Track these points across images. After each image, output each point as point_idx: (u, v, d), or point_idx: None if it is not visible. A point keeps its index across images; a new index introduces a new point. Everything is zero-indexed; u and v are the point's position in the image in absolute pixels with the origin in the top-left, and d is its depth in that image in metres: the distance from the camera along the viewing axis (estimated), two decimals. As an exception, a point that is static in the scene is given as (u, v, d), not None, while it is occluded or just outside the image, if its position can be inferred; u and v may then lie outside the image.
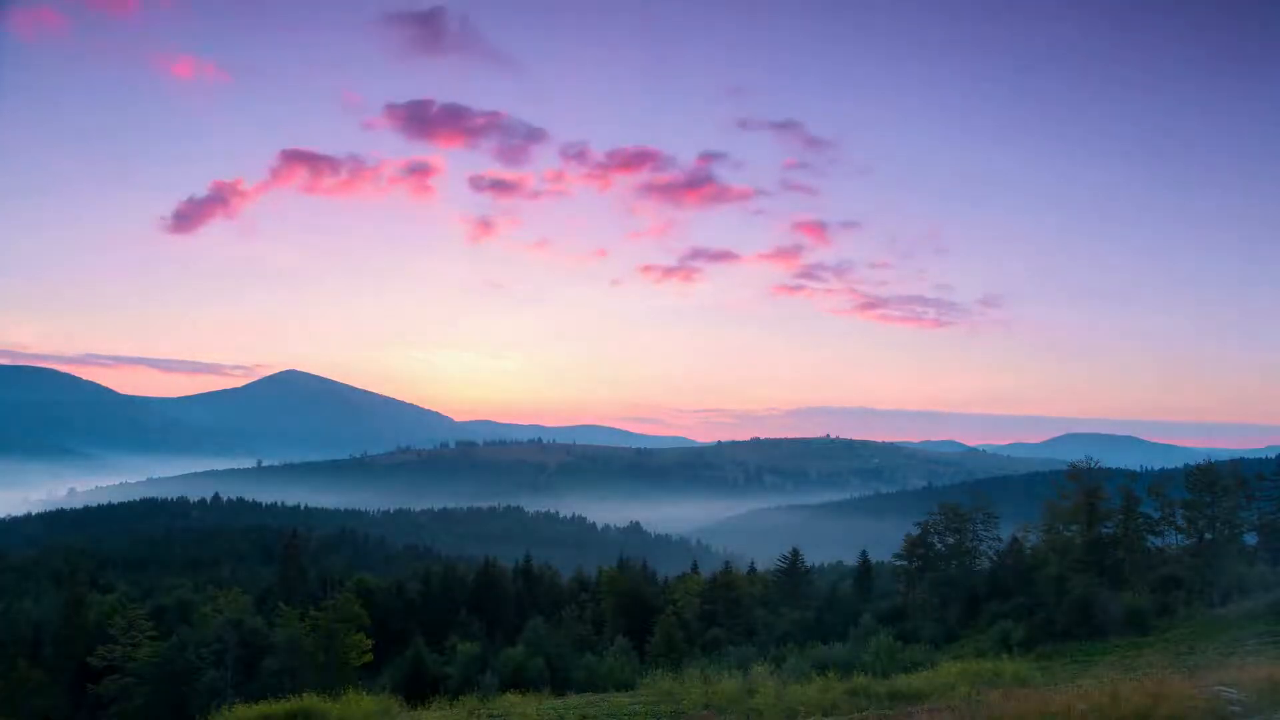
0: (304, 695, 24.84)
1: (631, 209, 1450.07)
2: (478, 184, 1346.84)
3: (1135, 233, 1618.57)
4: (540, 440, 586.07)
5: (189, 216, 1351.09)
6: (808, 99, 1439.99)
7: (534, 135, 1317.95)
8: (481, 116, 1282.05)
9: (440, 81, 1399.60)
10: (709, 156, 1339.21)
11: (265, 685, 42.61)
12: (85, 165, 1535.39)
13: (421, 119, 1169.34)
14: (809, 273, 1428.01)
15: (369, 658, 49.55)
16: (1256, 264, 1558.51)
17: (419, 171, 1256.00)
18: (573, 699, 27.32)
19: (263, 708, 23.16)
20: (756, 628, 58.27)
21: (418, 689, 41.73)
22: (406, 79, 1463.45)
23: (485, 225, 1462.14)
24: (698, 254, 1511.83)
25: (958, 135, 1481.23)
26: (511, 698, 26.38)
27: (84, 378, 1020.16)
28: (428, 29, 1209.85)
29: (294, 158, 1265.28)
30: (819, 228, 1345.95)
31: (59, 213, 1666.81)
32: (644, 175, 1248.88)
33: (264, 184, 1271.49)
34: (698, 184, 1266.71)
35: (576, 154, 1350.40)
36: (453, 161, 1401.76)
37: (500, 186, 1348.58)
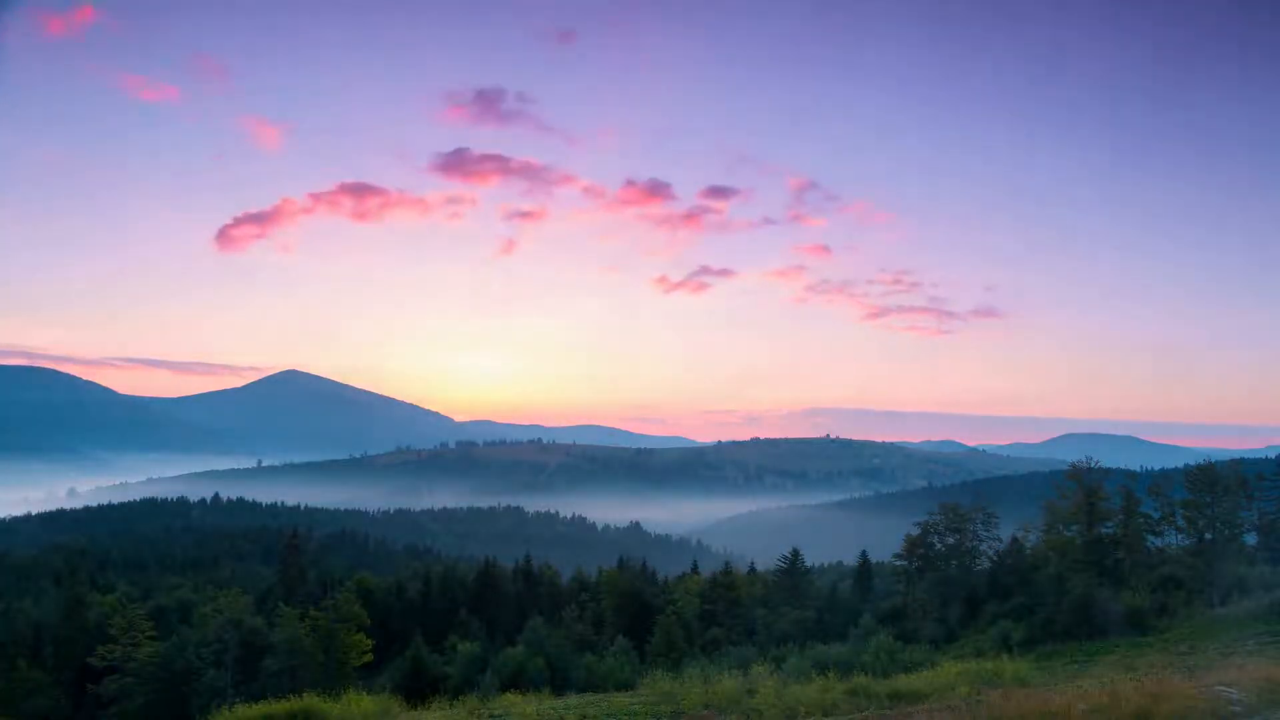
0: (304, 695, 24.81)
1: (645, 235, 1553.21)
2: (507, 213, 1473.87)
3: (1135, 234, 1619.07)
4: (540, 440, 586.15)
5: (229, 236, 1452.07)
6: (803, 144, 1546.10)
7: (562, 179, 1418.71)
8: (517, 162, 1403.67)
9: (487, 140, 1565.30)
10: (717, 192, 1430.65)
11: (265, 685, 42.63)
12: (146, 191, 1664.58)
13: (461, 163, 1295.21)
14: (811, 285, 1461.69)
15: (369, 658, 49.54)
16: (1256, 264, 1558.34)
17: (452, 201, 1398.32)
18: (573, 699, 27.25)
19: (263, 708, 23.12)
20: (756, 628, 58.23)
21: (418, 689, 41.72)
22: (457, 138, 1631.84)
23: (502, 242, 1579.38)
24: (705, 270, 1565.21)
25: (955, 147, 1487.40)
26: (511, 698, 26.32)
27: (85, 378, 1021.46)
28: (481, 106, 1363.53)
29: (341, 189, 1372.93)
30: (821, 249, 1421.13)
31: (110, 231, 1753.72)
32: (657, 207, 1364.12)
33: (306, 208, 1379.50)
34: (705, 213, 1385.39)
35: (598, 191, 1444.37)
36: (486, 195, 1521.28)
37: (525, 215, 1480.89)
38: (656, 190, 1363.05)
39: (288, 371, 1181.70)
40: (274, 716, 22.16)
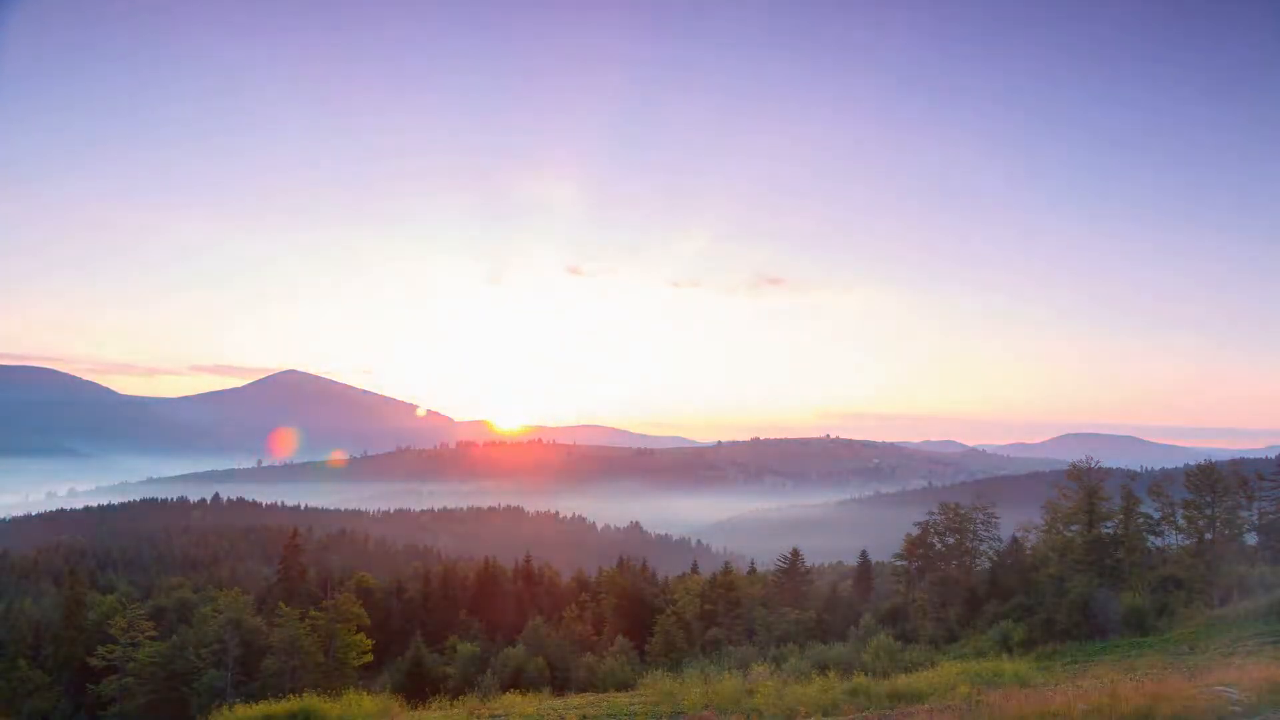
0: (304, 695, 24.81)
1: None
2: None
3: (1135, 235, 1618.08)
4: (540, 440, 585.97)
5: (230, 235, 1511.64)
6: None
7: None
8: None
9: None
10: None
11: (265, 685, 42.64)
12: (147, 188, 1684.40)
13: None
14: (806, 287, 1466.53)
15: (369, 658, 49.50)
16: (1258, 265, 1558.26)
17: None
18: (573, 699, 27.21)
19: (263, 708, 23.09)
20: (756, 628, 58.20)
21: (418, 689, 41.74)
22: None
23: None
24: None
25: (956, 146, 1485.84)
26: (511, 698, 26.29)
27: (85, 378, 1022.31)
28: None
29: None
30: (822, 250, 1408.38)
31: (109, 231, 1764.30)
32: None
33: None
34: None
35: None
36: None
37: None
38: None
39: (288, 371, 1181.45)
40: (274, 716, 22.13)
